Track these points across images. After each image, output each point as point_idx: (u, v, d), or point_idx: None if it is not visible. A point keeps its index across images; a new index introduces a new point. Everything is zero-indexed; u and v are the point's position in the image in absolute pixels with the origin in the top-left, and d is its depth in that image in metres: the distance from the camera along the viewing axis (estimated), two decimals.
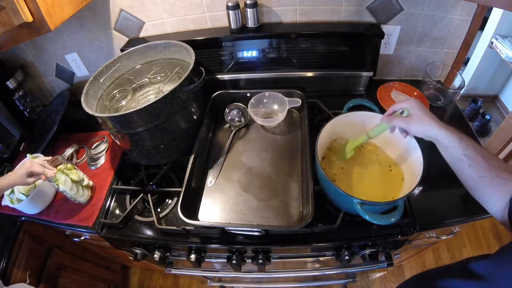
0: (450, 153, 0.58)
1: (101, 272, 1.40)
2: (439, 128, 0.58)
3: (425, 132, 0.61)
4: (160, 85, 0.97)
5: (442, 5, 0.98)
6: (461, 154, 0.56)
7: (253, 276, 1.12)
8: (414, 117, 0.62)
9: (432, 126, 0.59)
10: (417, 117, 0.61)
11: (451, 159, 0.58)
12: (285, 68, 1.10)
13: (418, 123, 0.61)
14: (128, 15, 1.08)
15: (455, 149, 0.56)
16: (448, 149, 0.58)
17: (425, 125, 0.60)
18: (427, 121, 0.60)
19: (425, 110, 0.62)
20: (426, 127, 0.60)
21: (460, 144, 0.56)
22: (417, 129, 0.62)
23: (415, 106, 0.62)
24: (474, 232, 1.74)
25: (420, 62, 1.15)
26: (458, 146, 0.56)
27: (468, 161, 0.55)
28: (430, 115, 0.61)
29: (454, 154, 0.57)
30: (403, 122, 0.64)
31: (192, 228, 0.81)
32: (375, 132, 0.73)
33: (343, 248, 0.85)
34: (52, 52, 1.20)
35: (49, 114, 1.24)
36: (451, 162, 0.59)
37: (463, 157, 0.55)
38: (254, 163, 0.96)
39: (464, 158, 0.55)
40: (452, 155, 0.58)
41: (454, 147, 0.56)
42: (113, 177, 1.00)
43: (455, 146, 0.56)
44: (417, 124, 0.61)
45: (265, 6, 1.03)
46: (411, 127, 0.63)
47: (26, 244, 0.99)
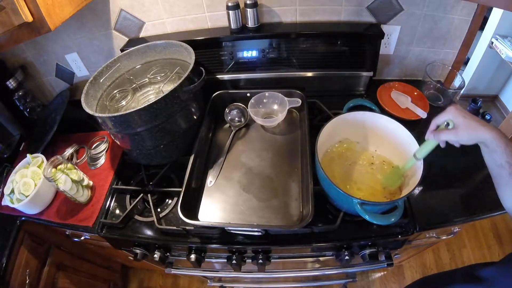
0: (493, 157, 0.57)
1: (101, 272, 1.40)
2: (488, 132, 0.56)
3: (476, 138, 0.58)
4: (160, 85, 0.97)
5: (442, 5, 0.98)
6: (504, 161, 0.55)
7: (253, 276, 1.12)
8: (461, 126, 0.59)
9: (481, 130, 0.57)
10: (464, 125, 0.59)
11: (493, 163, 0.57)
12: (285, 68, 1.10)
13: (466, 132, 0.58)
14: (128, 15, 1.08)
15: (500, 154, 0.55)
16: (493, 154, 0.57)
17: (475, 132, 0.57)
18: (475, 127, 0.57)
19: (469, 115, 0.59)
20: (476, 134, 0.57)
21: (506, 151, 0.54)
22: (467, 138, 0.59)
23: (458, 114, 0.60)
24: (474, 232, 1.74)
25: (420, 62, 1.15)
26: (503, 152, 0.55)
27: (510, 169, 0.54)
28: (475, 119, 0.58)
29: (497, 160, 0.56)
30: (452, 135, 0.61)
31: (192, 228, 0.81)
32: (424, 152, 0.69)
33: (343, 248, 0.85)
34: (52, 52, 1.20)
35: (49, 114, 1.23)
36: (491, 167, 0.58)
37: (505, 164, 0.55)
38: (254, 163, 0.96)
39: (506, 165, 0.54)
40: (495, 160, 0.56)
41: (499, 152, 0.55)
42: (113, 177, 1.00)
43: (500, 152, 0.55)
44: (466, 133, 0.59)
45: (265, 6, 1.03)
46: (462, 138, 0.60)
47: (26, 244, 0.99)
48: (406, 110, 1.05)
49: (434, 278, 0.67)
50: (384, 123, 0.82)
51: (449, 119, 0.62)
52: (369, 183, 0.82)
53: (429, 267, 1.64)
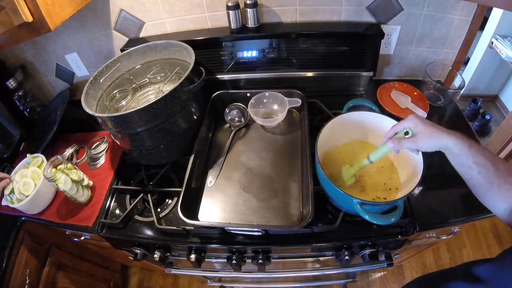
0: (460, 161, 0.57)
1: (101, 272, 1.40)
2: (448, 137, 0.56)
3: (436, 146, 0.59)
4: (160, 85, 0.97)
5: (442, 5, 0.98)
6: (470, 162, 0.55)
7: (253, 276, 1.12)
8: (421, 134, 0.60)
9: (441, 137, 0.57)
10: (424, 134, 0.59)
11: (461, 166, 0.58)
12: (285, 68, 1.10)
13: (427, 139, 0.59)
14: (128, 15, 1.08)
15: (465, 156, 0.55)
16: (458, 157, 0.57)
17: (435, 139, 0.58)
18: (435, 134, 0.58)
19: (428, 123, 0.60)
20: (436, 141, 0.58)
21: (470, 152, 0.55)
22: (427, 145, 0.59)
23: (417, 122, 0.60)
24: (474, 232, 1.74)
25: (420, 62, 1.15)
26: (467, 153, 0.55)
27: (478, 168, 0.54)
28: (435, 126, 0.59)
29: (464, 162, 0.56)
30: (412, 143, 0.61)
31: (192, 228, 0.81)
32: (378, 156, 0.70)
33: (343, 248, 0.85)
34: (52, 52, 1.20)
35: (49, 114, 1.23)
36: (460, 170, 0.59)
37: (472, 165, 0.55)
38: (254, 163, 0.96)
39: (473, 165, 0.55)
40: (462, 162, 0.57)
41: (464, 154, 0.55)
42: (113, 177, 1.00)
43: (464, 154, 0.55)
44: (426, 140, 0.59)
45: (265, 6, 1.03)
46: (421, 145, 0.60)
47: (26, 244, 0.99)
48: (406, 110, 1.05)
49: (434, 276, 0.67)
50: (384, 123, 0.82)
51: (409, 127, 0.62)
52: (369, 182, 0.82)
53: (429, 267, 1.64)
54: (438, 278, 0.63)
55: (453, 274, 0.60)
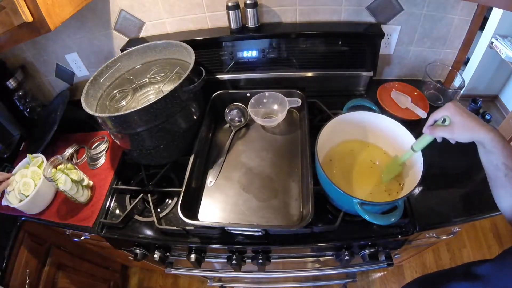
0: (490, 158, 0.56)
1: (101, 272, 1.40)
2: (486, 132, 0.55)
3: (472, 137, 0.57)
4: (160, 85, 0.97)
5: (442, 5, 0.98)
6: (500, 162, 0.54)
7: (253, 276, 1.12)
8: (457, 124, 0.58)
9: (478, 130, 0.56)
10: (461, 124, 0.58)
11: (489, 164, 0.57)
12: (285, 68, 1.10)
13: (463, 130, 0.58)
14: (128, 15, 1.08)
15: (496, 155, 0.54)
16: (489, 155, 0.56)
17: (471, 131, 0.57)
18: (472, 126, 0.56)
19: (467, 114, 0.58)
20: (472, 133, 0.56)
21: (503, 152, 0.54)
22: (463, 136, 0.58)
23: (456, 112, 0.58)
24: (474, 232, 1.74)
25: (420, 62, 1.15)
26: (500, 153, 0.54)
27: (506, 171, 0.54)
28: (473, 118, 0.57)
29: (493, 161, 0.55)
30: (448, 132, 0.60)
31: (192, 228, 0.81)
32: (420, 145, 0.69)
33: (343, 248, 0.85)
34: (52, 52, 1.20)
35: (49, 114, 1.23)
36: (487, 167, 0.58)
37: (501, 166, 0.54)
38: (254, 163, 0.96)
39: (502, 166, 0.54)
40: (491, 161, 0.56)
41: (496, 153, 0.54)
42: (113, 177, 1.00)
43: (497, 153, 0.54)
44: (462, 132, 0.58)
45: (265, 6, 1.03)
46: (457, 136, 0.59)
47: (26, 244, 0.99)
48: (406, 110, 1.05)
49: (434, 276, 0.67)
50: (384, 123, 0.82)
51: (446, 116, 0.61)
52: (369, 182, 0.82)
53: (429, 267, 1.64)
54: (438, 278, 0.63)
55: (453, 274, 0.60)
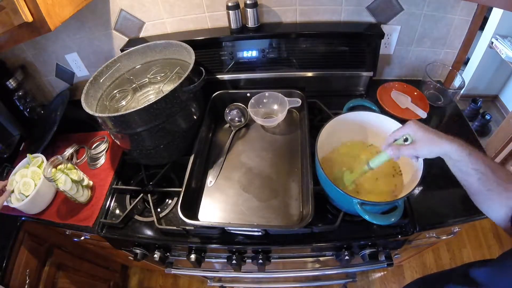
0: (459, 167, 0.56)
1: (101, 272, 1.40)
2: (449, 144, 0.56)
3: (436, 152, 0.58)
4: (160, 85, 0.97)
5: (442, 5, 0.98)
6: (470, 168, 0.54)
7: (253, 276, 1.12)
8: (420, 141, 0.59)
9: (441, 144, 0.56)
10: (423, 141, 0.59)
11: (460, 173, 0.57)
12: (285, 68, 1.10)
13: (426, 146, 0.58)
14: (128, 15, 1.08)
15: (464, 163, 0.55)
16: (457, 164, 0.56)
17: (434, 146, 0.57)
18: (435, 140, 0.57)
19: (428, 130, 0.59)
20: (436, 147, 0.57)
21: (470, 158, 0.54)
22: (426, 152, 0.59)
23: (417, 129, 0.59)
24: (474, 232, 1.74)
25: (420, 62, 1.15)
26: (467, 160, 0.54)
27: (477, 175, 0.54)
28: (435, 133, 0.58)
29: (463, 168, 0.56)
30: (412, 150, 0.61)
31: (192, 228, 0.81)
32: (377, 163, 0.70)
33: (343, 248, 0.85)
34: (52, 52, 1.20)
35: (49, 114, 1.24)
36: (459, 176, 0.58)
37: (472, 171, 0.54)
38: (254, 163, 0.96)
39: (473, 172, 0.54)
40: (461, 169, 0.56)
41: (463, 161, 0.55)
42: (113, 177, 1.00)
43: (464, 161, 0.55)
44: (426, 148, 0.58)
45: (265, 6, 1.03)
46: (421, 152, 0.59)
47: (26, 244, 0.99)
48: (406, 110, 1.05)
49: (433, 277, 0.67)
50: (384, 123, 0.82)
51: (408, 134, 0.62)
52: (369, 182, 0.82)
53: (429, 267, 1.64)
54: (438, 280, 0.63)
55: (452, 276, 0.60)
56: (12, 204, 0.89)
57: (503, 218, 0.53)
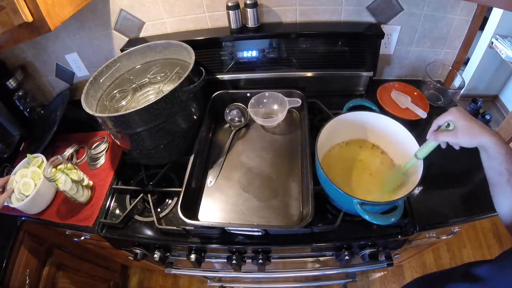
0: (493, 164, 0.56)
1: (101, 272, 1.40)
2: (489, 137, 0.55)
3: (476, 143, 0.57)
4: (160, 85, 0.97)
5: (442, 5, 0.98)
6: (503, 168, 0.54)
7: (253, 276, 1.12)
8: (461, 128, 0.58)
9: (482, 135, 0.56)
10: (465, 129, 0.58)
11: (491, 170, 0.57)
12: (285, 68, 1.10)
13: (467, 135, 0.57)
14: (128, 15, 1.08)
15: (499, 161, 0.54)
16: (492, 160, 0.56)
17: (475, 135, 0.56)
18: (476, 130, 0.56)
19: (470, 118, 0.58)
20: (476, 137, 0.56)
21: (506, 157, 0.54)
22: (467, 141, 0.58)
23: (459, 116, 0.59)
24: (474, 232, 1.74)
25: (420, 62, 1.15)
26: (503, 158, 0.54)
27: (508, 176, 0.54)
28: (477, 123, 0.57)
29: (496, 166, 0.55)
30: (452, 137, 0.60)
31: (192, 228, 0.81)
32: (424, 152, 0.68)
33: (343, 248, 0.85)
34: (52, 52, 1.20)
35: (49, 114, 1.23)
36: (489, 173, 0.58)
37: (504, 171, 0.54)
38: (254, 163, 0.96)
39: (505, 172, 0.54)
40: (494, 166, 0.56)
41: (499, 159, 0.54)
42: (113, 177, 1.00)
43: (499, 158, 0.54)
44: (466, 136, 0.58)
45: (265, 6, 1.03)
46: (461, 140, 0.59)
47: (26, 244, 0.98)
48: (406, 110, 1.05)
49: (433, 277, 0.67)
50: (384, 123, 0.82)
51: (450, 120, 0.61)
52: (369, 182, 0.82)
53: (429, 267, 1.64)
54: (437, 279, 0.63)
55: (452, 275, 0.60)
56: (12, 204, 0.89)
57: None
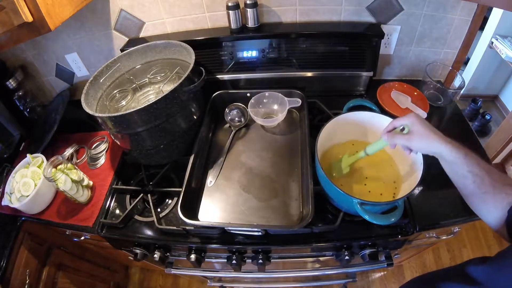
0: (454, 169, 0.57)
1: (101, 272, 1.40)
2: (443, 144, 0.56)
3: (428, 149, 0.59)
4: (160, 85, 0.97)
5: (442, 5, 0.98)
6: (465, 171, 0.54)
7: (253, 276, 1.12)
8: (416, 133, 0.60)
9: (435, 142, 0.57)
10: (419, 134, 0.59)
11: (455, 175, 0.57)
12: (285, 68, 1.10)
13: (420, 140, 0.59)
14: (128, 15, 1.08)
15: (459, 165, 0.55)
16: (452, 165, 0.56)
17: (428, 142, 0.58)
18: (430, 137, 0.58)
19: (427, 125, 0.60)
20: (429, 143, 0.58)
21: (465, 160, 0.54)
22: (419, 146, 0.60)
23: (416, 121, 0.60)
24: (474, 232, 1.74)
25: (420, 62, 1.15)
26: (462, 162, 0.54)
27: (472, 178, 0.54)
28: (432, 130, 0.59)
29: (458, 171, 0.56)
30: (405, 140, 0.62)
31: (192, 228, 0.81)
32: (374, 149, 0.71)
33: (343, 248, 0.85)
34: (52, 52, 1.20)
35: (49, 114, 1.23)
36: (454, 178, 0.58)
37: (467, 174, 0.54)
38: (254, 163, 0.96)
39: (468, 174, 0.54)
40: (456, 171, 0.56)
41: (459, 163, 0.55)
42: (113, 177, 1.00)
43: (459, 163, 0.55)
44: (419, 141, 0.59)
45: (265, 6, 1.03)
46: (413, 144, 0.60)
47: (26, 244, 0.98)
48: (406, 110, 1.05)
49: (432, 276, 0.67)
50: (384, 123, 0.82)
51: (406, 124, 0.62)
52: (369, 182, 0.82)
53: (429, 267, 1.64)
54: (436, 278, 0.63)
55: (450, 274, 0.60)
56: (12, 204, 0.89)
57: (497, 221, 0.53)
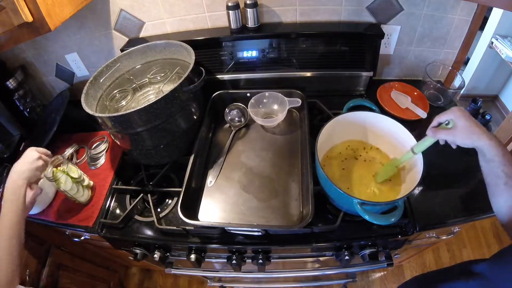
0: (491, 166, 0.57)
1: (101, 272, 1.40)
2: (486, 139, 0.56)
3: (473, 143, 0.58)
4: (160, 85, 0.97)
5: (442, 5, 0.98)
6: (500, 170, 0.55)
7: (253, 276, 1.12)
8: (460, 128, 0.59)
9: (479, 136, 0.57)
10: (463, 128, 0.59)
11: (489, 172, 0.57)
12: (285, 68, 1.10)
13: (464, 135, 0.59)
14: (128, 15, 1.08)
15: (497, 163, 0.55)
16: (489, 162, 0.56)
17: (472, 136, 0.58)
18: (474, 131, 0.57)
19: (471, 120, 0.59)
20: (474, 138, 0.57)
21: (503, 159, 0.54)
22: (464, 141, 0.59)
23: (460, 116, 0.60)
24: (474, 232, 1.74)
25: (420, 62, 1.15)
26: (500, 161, 0.55)
27: (506, 179, 0.54)
28: (476, 124, 0.58)
29: (493, 169, 0.56)
30: (449, 135, 0.61)
31: (192, 228, 0.81)
32: (421, 147, 0.70)
33: (343, 248, 0.85)
34: (52, 52, 1.20)
35: (49, 114, 1.23)
36: (487, 175, 0.58)
37: (501, 174, 0.54)
38: (254, 163, 0.96)
39: (502, 174, 0.54)
40: (492, 169, 0.56)
41: (496, 161, 0.55)
42: (113, 177, 1.00)
43: (497, 161, 0.55)
44: (464, 136, 0.59)
45: (265, 6, 1.03)
46: (458, 139, 0.60)
47: (26, 244, 0.98)
48: (406, 110, 1.05)
49: (432, 275, 0.67)
50: (384, 123, 0.82)
51: (451, 119, 0.62)
52: (369, 182, 0.82)
53: (429, 267, 1.64)
54: (436, 277, 0.64)
55: (450, 274, 0.60)
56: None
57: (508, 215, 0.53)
